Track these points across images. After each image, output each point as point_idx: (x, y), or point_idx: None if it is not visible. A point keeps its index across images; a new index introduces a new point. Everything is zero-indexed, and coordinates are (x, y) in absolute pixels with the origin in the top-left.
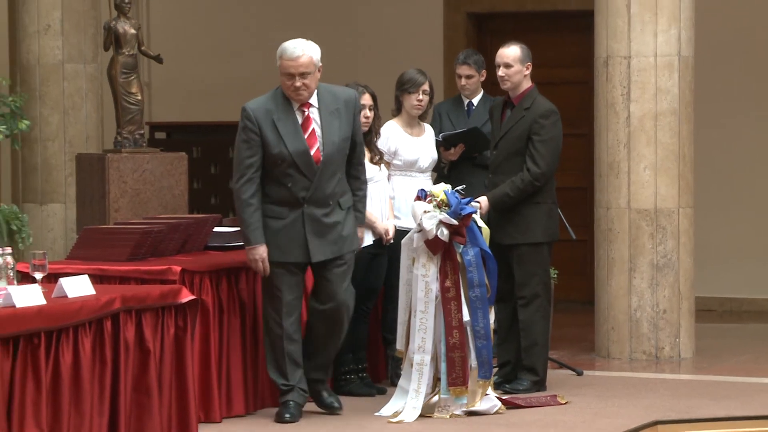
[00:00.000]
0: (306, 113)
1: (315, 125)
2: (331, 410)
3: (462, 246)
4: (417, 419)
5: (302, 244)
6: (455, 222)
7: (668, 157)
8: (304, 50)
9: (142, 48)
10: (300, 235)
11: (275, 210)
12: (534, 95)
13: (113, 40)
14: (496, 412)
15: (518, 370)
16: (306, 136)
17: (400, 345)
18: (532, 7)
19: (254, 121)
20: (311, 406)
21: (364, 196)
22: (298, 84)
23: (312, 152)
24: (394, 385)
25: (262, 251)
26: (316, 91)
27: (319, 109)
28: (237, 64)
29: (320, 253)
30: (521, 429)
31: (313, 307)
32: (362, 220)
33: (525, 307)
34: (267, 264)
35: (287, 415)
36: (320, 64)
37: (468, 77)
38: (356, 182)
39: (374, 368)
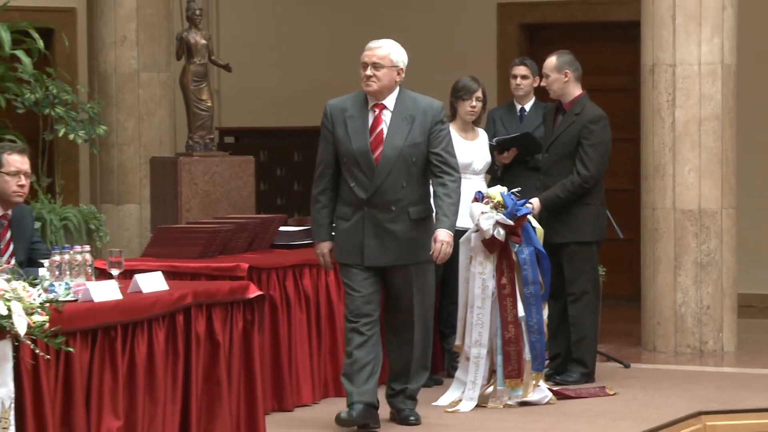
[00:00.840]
0: (377, 113)
1: (384, 126)
2: (406, 423)
3: (517, 245)
4: (472, 409)
5: (359, 246)
6: (511, 222)
7: (712, 160)
8: (383, 44)
9: (212, 57)
10: (359, 238)
11: (344, 210)
12: (584, 102)
13: (185, 50)
14: (548, 403)
15: (568, 362)
16: (372, 137)
17: (459, 340)
18: (581, 17)
19: (329, 117)
20: None
21: (454, 213)
22: (369, 73)
23: (374, 154)
24: (451, 376)
25: (323, 247)
26: (396, 95)
27: (393, 112)
28: (302, 73)
29: (375, 259)
30: (571, 418)
31: (385, 313)
32: (447, 225)
33: (575, 303)
34: (328, 260)
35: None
36: (400, 66)
37: (523, 77)
38: (438, 200)
39: (432, 360)
